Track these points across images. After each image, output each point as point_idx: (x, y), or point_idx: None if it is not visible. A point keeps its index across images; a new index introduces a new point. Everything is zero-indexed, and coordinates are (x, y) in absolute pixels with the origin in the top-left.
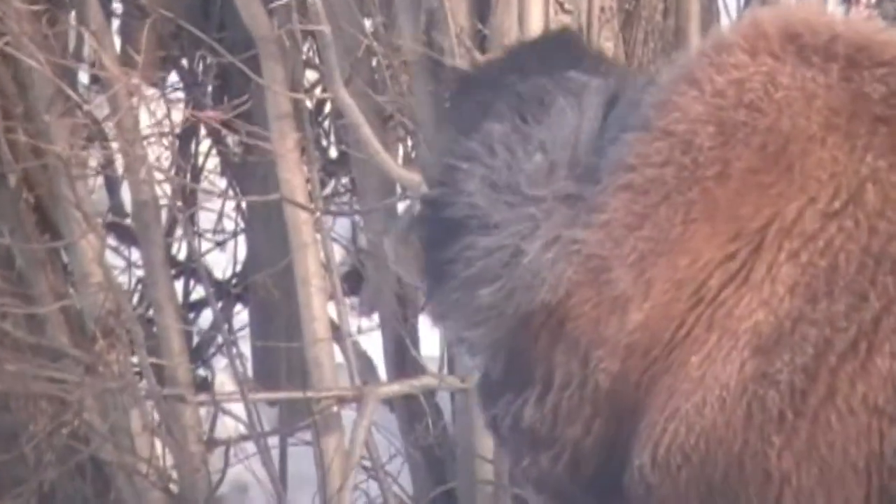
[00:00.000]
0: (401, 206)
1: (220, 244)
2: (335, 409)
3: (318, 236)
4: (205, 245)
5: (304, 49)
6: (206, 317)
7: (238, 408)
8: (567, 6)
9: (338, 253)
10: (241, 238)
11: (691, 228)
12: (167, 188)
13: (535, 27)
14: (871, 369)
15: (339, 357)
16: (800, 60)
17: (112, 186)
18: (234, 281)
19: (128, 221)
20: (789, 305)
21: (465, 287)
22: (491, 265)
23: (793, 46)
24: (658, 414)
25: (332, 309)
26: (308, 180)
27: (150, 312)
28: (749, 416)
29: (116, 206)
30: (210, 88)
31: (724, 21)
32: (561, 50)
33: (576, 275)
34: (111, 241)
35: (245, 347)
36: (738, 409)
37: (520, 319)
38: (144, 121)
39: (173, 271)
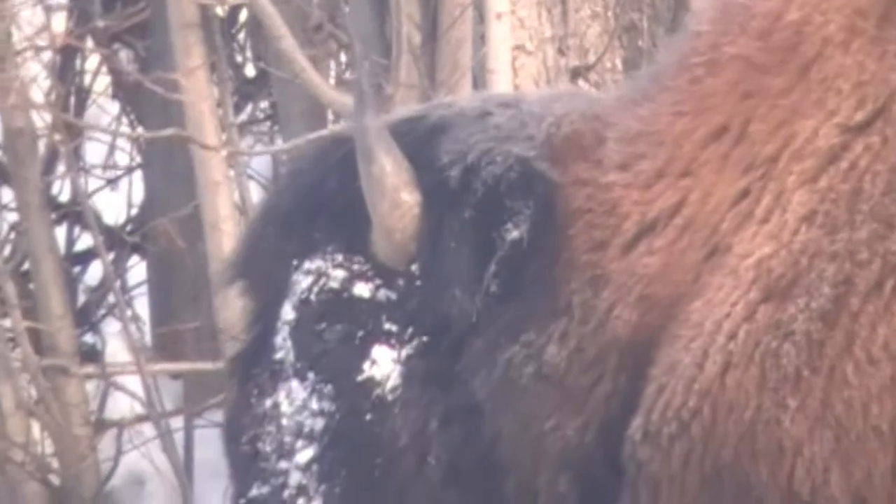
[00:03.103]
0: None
1: (112, 182)
2: None
3: (232, 173)
4: (93, 184)
5: None
6: (95, 271)
7: (134, 382)
8: None
9: (255, 193)
10: (137, 175)
11: (679, 122)
12: (46, 115)
13: None
14: None
15: None
16: None
17: None
18: (128, 227)
19: None
20: (805, 238)
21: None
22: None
23: None
24: (655, 368)
25: None
26: (219, 105)
27: (26, 265)
28: (763, 375)
29: None
30: None
31: None
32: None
33: (573, 124)
34: None
35: (142, 308)
36: (752, 366)
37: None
38: (17, 33)
39: (54, 216)
